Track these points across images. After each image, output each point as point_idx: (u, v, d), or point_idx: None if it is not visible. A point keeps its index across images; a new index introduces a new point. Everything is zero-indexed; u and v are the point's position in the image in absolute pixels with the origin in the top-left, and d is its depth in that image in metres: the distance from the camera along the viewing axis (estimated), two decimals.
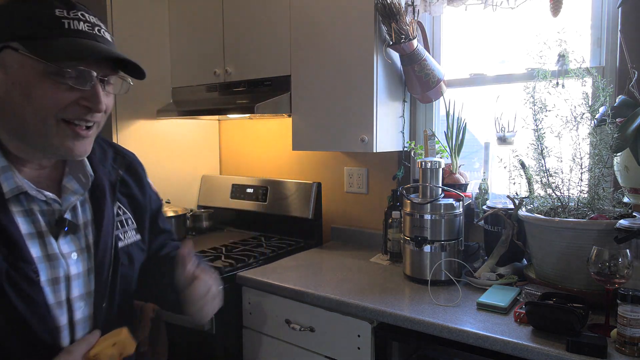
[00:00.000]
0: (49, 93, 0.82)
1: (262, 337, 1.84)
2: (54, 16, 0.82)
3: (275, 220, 2.48)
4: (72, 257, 0.93)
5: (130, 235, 1.05)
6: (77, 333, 0.93)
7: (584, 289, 1.45)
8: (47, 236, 0.89)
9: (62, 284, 0.90)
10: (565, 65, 1.64)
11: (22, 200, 0.88)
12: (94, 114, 0.87)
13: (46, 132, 0.85)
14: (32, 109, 0.83)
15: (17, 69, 0.82)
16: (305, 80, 2.09)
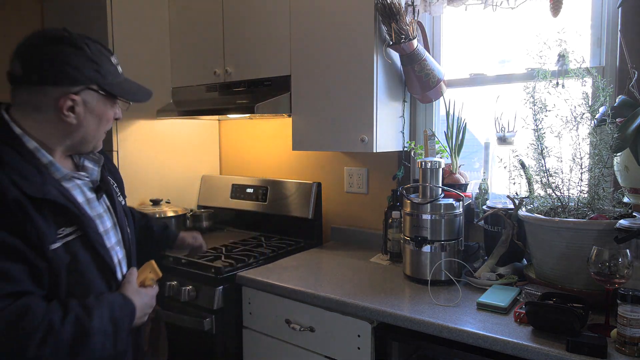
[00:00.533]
0: (111, 117, 1.22)
1: (262, 337, 1.84)
2: (114, 65, 1.20)
3: (275, 220, 2.48)
4: (105, 215, 1.24)
5: (121, 198, 1.37)
6: (123, 269, 1.26)
7: (584, 289, 1.45)
8: (93, 202, 1.21)
9: (108, 236, 1.22)
10: (565, 65, 1.64)
11: (69, 181, 1.17)
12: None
13: (98, 142, 1.23)
14: (101, 129, 1.21)
15: (95, 104, 1.16)
16: (305, 80, 2.09)
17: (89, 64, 1.12)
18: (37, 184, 1.05)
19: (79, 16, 2.52)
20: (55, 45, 1.10)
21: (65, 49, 1.10)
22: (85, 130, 1.16)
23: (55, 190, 1.08)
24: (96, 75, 1.13)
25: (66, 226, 1.09)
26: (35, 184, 1.05)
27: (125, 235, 1.30)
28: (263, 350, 1.85)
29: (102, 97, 1.16)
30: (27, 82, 1.10)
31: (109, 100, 1.18)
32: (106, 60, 1.17)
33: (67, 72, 1.09)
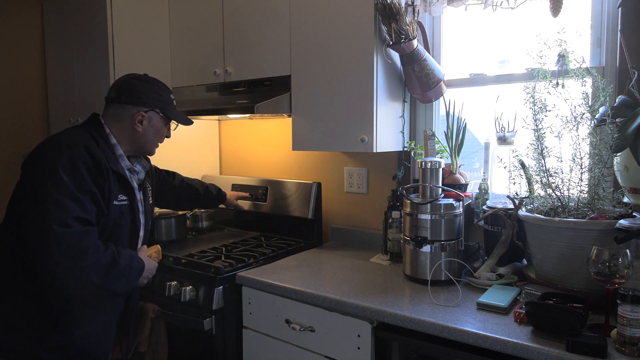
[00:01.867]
0: (164, 133, 1.73)
1: (262, 337, 1.84)
2: (171, 99, 1.73)
3: (275, 220, 2.48)
4: (142, 202, 1.70)
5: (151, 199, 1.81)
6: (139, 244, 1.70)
7: (584, 289, 1.45)
8: (137, 190, 1.67)
9: (142, 215, 1.69)
10: (565, 65, 1.64)
11: (128, 171, 1.65)
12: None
13: (154, 147, 1.74)
14: (156, 140, 1.72)
15: (156, 122, 1.68)
16: (305, 80, 2.09)
17: (155, 94, 1.66)
18: (116, 164, 1.58)
19: (79, 16, 2.52)
20: (137, 80, 1.67)
21: (141, 83, 1.66)
22: (146, 138, 1.67)
23: (124, 171, 1.61)
24: (159, 102, 1.67)
25: (124, 194, 1.59)
26: (115, 163, 1.58)
27: (148, 222, 1.75)
28: (263, 350, 1.85)
29: (161, 118, 1.68)
30: (117, 102, 1.63)
31: (165, 120, 1.70)
32: (166, 94, 1.70)
33: (141, 98, 1.64)
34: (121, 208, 1.57)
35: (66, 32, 2.67)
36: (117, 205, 1.55)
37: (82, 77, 2.60)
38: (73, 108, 2.69)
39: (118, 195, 1.56)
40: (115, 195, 1.55)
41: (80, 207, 1.41)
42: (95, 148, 1.51)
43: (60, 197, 1.39)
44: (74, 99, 2.68)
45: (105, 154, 1.54)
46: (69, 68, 2.68)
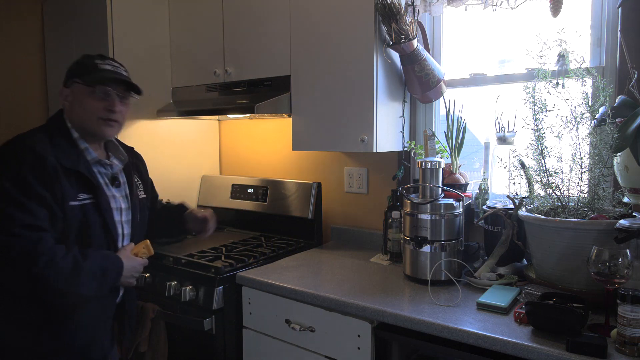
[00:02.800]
0: (90, 103, 1.52)
1: (262, 337, 1.84)
2: (94, 64, 1.55)
3: (275, 220, 2.48)
4: (120, 198, 1.60)
5: (142, 194, 1.74)
6: (125, 241, 1.61)
7: (584, 289, 1.45)
8: (109, 185, 1.58)
9: (118, 212, 1.58)
10: (565, 65, 1.64)
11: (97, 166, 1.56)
12: (114, 114, 1.55)
13: (92, 124, 1.53)
14: (85, 113, 1.53)
15: (78, 92, 1.53)
16: (305, 80, 2.09)
17: (75, 65, 1.56)
18: (72, 160, 1.47)
19: (79, 16, 2.52)
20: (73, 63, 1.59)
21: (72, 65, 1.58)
22: (78, 115, 1.53)
23: (84, 167, 1.50)
24: (77, 70, 1.54)
25: (85, 193, 1.48)
26: (71, 159, 1.47)
27: (135, 218, 1.64)
28: (263, 350, 1.85)
29: (84, 87, 1.51)
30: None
31: (88, 88, 1.51)
32: (89, 60, 1.55)
33: (66, 75, 1.56)
34: (83, 208, 1.46)
35: (66, 32, 2.66)
36: (75, 205, 1.44)
37: None
38: None
39: (77, 194, 1.45)
40: (71, 195, 1.44)
41: (28, 214, 1.35)
42: (45, 148, 1.43)
43: (5, 207, 1.34)
44: None
45: (60, 151, 1.45)
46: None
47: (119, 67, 1.59)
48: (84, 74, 1.52)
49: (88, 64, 1.55)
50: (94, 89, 1.51)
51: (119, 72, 1.57)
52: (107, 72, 1.54)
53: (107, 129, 1.55)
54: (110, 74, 1.54)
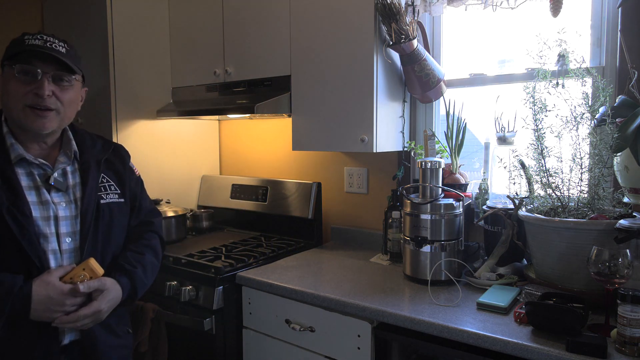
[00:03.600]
0: (14, 88, 1.25)
1: (262, 337, 1.84)
2: (21, 39, 1.27)
3: (275, 220, 2.48)
4: (61, 205, 1.31)
5: (112, 197, 1.42)
6: (65, 260, 1.29)
7: (584, 289, 1.45)
8: (41, 189, 1.29)
9: (52, 221, 1.28)
10: (565, 65, 1.64)
11: (25, 166, 1.29)
12: (43, 99, 1.26)
13: (19, 115, 1.27)
14: (9, 101, 1.27)
15: (2, 77, 1.29)
16: (305, 80, 2.09)
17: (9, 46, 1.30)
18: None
19: (79, 16, 2.52)
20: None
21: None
22: (3, 104, 1.30)
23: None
24: (5, 53, 1.29)
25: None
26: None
27: (87, 229, 1.31)
28: (263, 350, 1.85)
29: (7, 69, 1.27)
30: None
31: (9, 69, 1.26)
32: (19, 38, 1.29)
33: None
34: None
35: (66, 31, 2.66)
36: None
37: None
38: None
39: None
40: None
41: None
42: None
43: None
44: None
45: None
46: None
47: (53, 41, 1.29)
48: (9, 53, 1.27)
49: (17, 40, 1.28)
50: (14, 69, 1.25)
51: (47, 47, 1.26)
52: (32, 48, 1.24)
53: (37, 120, 1.26)
54: (35, 49, 1.24)
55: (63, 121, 1.33)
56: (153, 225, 1.56)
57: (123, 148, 1.56)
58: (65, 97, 1.30)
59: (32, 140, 1.32)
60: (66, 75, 1.30)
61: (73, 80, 1.32)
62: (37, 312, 1.18)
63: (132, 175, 1.55)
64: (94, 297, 1.25)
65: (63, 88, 1.30)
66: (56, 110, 1.29)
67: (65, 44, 1.32)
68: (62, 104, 1.30)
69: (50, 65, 1.26)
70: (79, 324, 1.24)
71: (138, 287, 1.39)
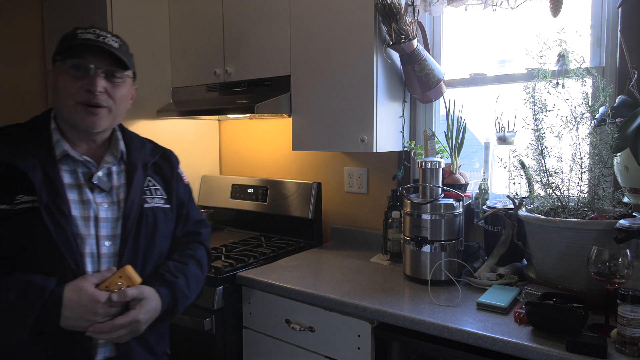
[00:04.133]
0: (65, 84, 1.20)
1: (262, 337, 1.84)
2: (74, 33, 1.23)
3: (275, 220, 2.48)
4: (103, 206, 1.23)
5: (158, 201, 1.34)
6: (102, 265, 1.20)
7: (584, 289, 1.45)
8: (84, 188, 1.22)
9: (92, 222, 1.20)
10: (565, 65, 1.64)
11: (69, 163, 1.23)
12: (95, 95, 1.20)
13: (69, 112, 1.22)
14: (61, 97, 1.22)
15: (53, 72, 1.24)
16: (305, 80, 2.09)
17: (59, 41, 1.25)
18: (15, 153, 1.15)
19: (78, 16, 2.52)
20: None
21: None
22: (55, 100, 1.24)
23: (37, 163, 1.16)
24: (56, 49, 1.24)
25: (26, 194, 1.13)
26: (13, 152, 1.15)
27: (127, 233, 1.23)
28: (263, 350, 1.85)
29: (58, 64, 1.22)
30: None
31: (62, 65, 1.21)
32: (70, 32, 1.24)
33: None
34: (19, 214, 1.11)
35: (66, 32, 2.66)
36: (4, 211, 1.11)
37: None
38: None
39: (15, 196, 1.12)
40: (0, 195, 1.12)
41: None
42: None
43: None
44: None
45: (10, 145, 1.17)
46: None
47: (106, 35, 1.23)
48: (61, 48, 1.22)
49: (69, 34, 1.23)
50: (66, 64, 1.20)
51: (100, 41, 1.21)
52: (84, 41, 1.19)
53: (88, 117, 1.21)
54: (87, 43, 1.19)
55: (114, 119, 1.29)
56: (200, 236, 1.46)
57: (173, 153, 1.49)
58: (118, 94, 1.25)
59: (81, 138, 1.26)
60: (119, 71, 1.24)
61: (125, 77, 1.27)
62: (68, 319, 1.09)
63: (181, 181, 1.46)
64: (131, 307, 1.15)
65: (115, 84, 1.24)
66: (108, 108, 1.24)
67: (118, 38, 1.27)
68: (114, 101, 1.24)
69: (102, 60, 1.21)
70: (115, 335, 1.13)
71: (179, 299, 1.27)
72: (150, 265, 1.28)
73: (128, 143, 1.35)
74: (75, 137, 1.25)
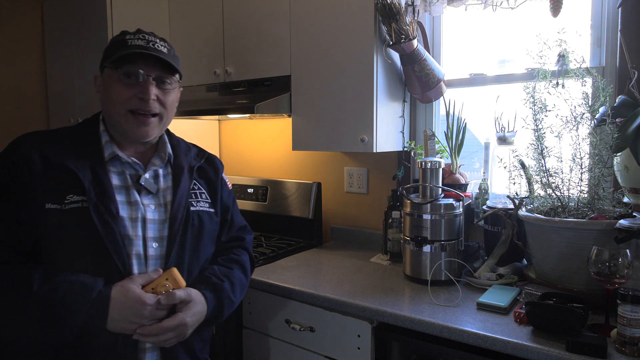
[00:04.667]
0: (116, 91, 1.20)
1: (262, 337, 1.84)
2: (123, 39, 1.22)
3: (275, 220, 2.48)
4: (150, 207, 1.24)
5: (203, 205, 1.34)
6: (149, 266, 1.19)
7: (584, 289, 1.45)
8: (131, 189, 1.23)
9: (139, 223, 1.20)
10: (565, 65, 1.64)
11: (117, 165, 1.24)
12: (147, 103, 1.21)
13: (119, 120, 1.22)
14: (111, 104, 1.22)
15: (104, 79, 1.24)
16: (305, 80, 2.09)
17: (108, 46, 1.26)
18: (65, 154, 1.16)
19: (79, 16, 2.52)
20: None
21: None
22: (105, 105, 1.25)
23: (87, 164, 1.17)
24: (107, 52, 1.24)
25: (76, 194, 1.13)
26: (64, 153, 1.17)
27: (175, 235, 1.23)
28: (263, 350, 1.85)
29: (110, 69, 1.22)
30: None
31: (114, 71, 1.21)
32: (119, 37, 1.25)
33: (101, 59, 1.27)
34: (68, 214, 1.11)
35: (66, 32, 2.66)
36: (53, 209, 1.11)
37: (82, 77, 2.59)
38: (73, 108, 2.69)
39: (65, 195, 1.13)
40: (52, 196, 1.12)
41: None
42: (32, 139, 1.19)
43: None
44: (74, 99, 2.68)
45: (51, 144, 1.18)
46: (69, 68, 2.67)
47: (155, 41, 1.23)
48: (110, 54, 1.21)
49: (118, 40, 1.23)
50: (118, 72, 1.20)
51: (151, 47, 1.21)
52: (135, 48, 1.19)
53: (140, 127, 1.22)
54: (138, 50, 1.19)
55: (164, 126, 1.30)
56: (244, 242, 1.48)
57: (217, 158, 1.51)
58: (168, 100, 1.26)
59: (130, 141, 1.27)
60: (168, 77, 1.25)
61: (174, 82, 1.28)
62: (114, 321, 1.07)
63: (225, 186, 1.47)
64: (178, 309, 1.15)
65: (165, 91, 1.25)
66: (159, 116, 1.25)
67: (165, 42, 1.27)
68: (165, 107, 1.25)
69: (153, 67, 1.21)
70: (162, 338, 1.12)
71: (225, 303, 1.27)
72: (195, 268, 1.28)
73: (174, 146, 1.37)
74: (123, 140, 1.27)
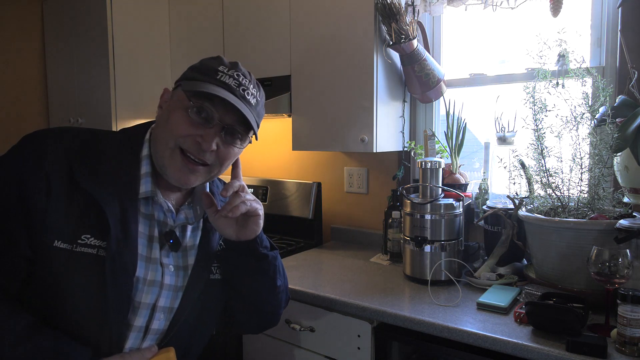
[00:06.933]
0: (178, 120, 0.98)
1: (262, 337, 1.84)
2: (215, 69, 1.00)
3: (275, 220, 2.48)
4: (169, 268, 1.02)
5: (215, 275, 1.13)
6: (146, 341, 1.01)
7: (584, 289, 1.45)
8: (155, 242, 1.01)
9: (155, 288, 0.99)
10: (565, 65, 1.64)
11: (148, 205, 1.02)
12: (204, 152, 1.00)
13: (165, 153, 1.00)
14: (164, 130, 1.00)
15: (172, 98, 1.03)
16: (305, 80, 2.09)
17: (195, 66, 1.04)
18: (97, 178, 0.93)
19: (79, 16, 2.52)
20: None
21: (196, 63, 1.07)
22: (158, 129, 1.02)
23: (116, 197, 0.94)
24: (189, 72, 1.03)
25: (94, 236, 0.90)
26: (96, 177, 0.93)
27: (185, 309, 1.04)
28: (263, 350, 1.85)
29: (180, 94, 1.00)
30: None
31: (187, 101, 0.98)
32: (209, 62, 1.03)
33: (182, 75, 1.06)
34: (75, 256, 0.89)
35: (66, 32, 2.66)
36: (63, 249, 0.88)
37: (82, 77, 2.59)
38: (73, 108, 2.69)
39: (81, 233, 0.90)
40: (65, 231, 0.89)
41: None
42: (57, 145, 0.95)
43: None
44: (74, 99, 2.68)
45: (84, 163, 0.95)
46: (69, 68, 2.67)
47: (247, 87, 1.03)
48: (193, 77, 1.01)
49: (209, 65, 1.02)
50: (190, 103, 0.98)
51: (239, 93, 1.01)
52: (222, 87, 0.99)
53: (183, 173, 1.00)
54: (224, 92, 0.98)
55: (211, 178, 1.08)
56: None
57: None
58: (228, 156, 1.05)
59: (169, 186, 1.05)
60: (242, 134, 1.06)
61: (245, 141, 1.09)
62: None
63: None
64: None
65: (229, 145, 1.04)
66: (210, 166, 1.04)
67: (259, 89, 1.07)
68: (219, 162, 1.04)
69: (231, 113, 1.01)
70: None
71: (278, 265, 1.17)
72: (196, 348, 1.11)
73: (214, 194, 1.14)
74: (162, 174, 1.03)
